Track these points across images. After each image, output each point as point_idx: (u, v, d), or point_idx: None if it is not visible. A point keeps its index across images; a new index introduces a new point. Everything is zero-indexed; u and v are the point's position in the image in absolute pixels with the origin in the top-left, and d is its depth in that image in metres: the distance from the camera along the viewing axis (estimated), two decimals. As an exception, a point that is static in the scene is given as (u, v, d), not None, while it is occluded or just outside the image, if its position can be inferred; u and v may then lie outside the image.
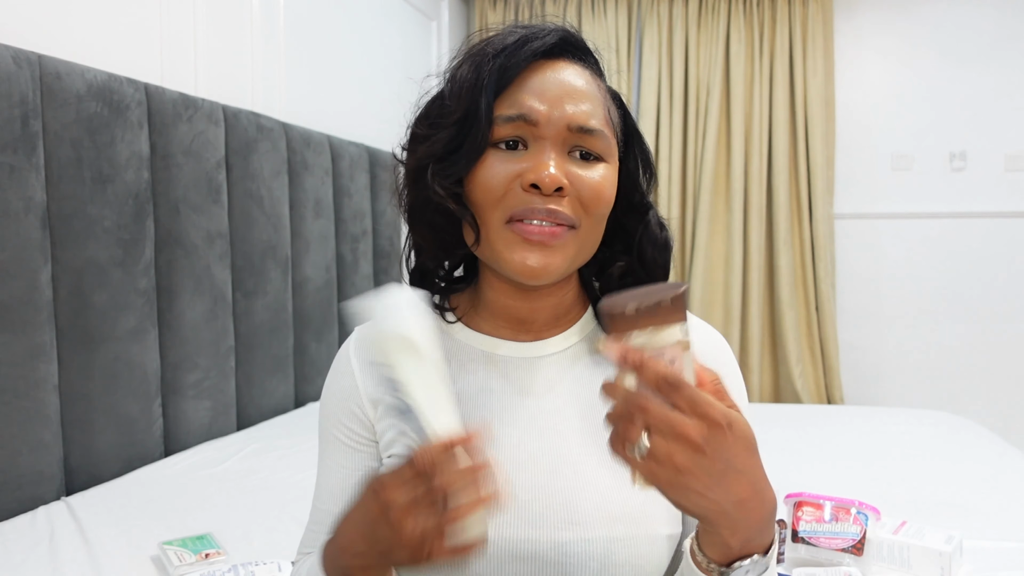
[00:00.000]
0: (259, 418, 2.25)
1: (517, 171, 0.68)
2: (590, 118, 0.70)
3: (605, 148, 0.71)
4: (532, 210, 0.67)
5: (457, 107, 0.70)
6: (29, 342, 1.51)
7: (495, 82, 0.69)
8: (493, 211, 0.69)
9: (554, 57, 0.72)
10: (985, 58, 3.58)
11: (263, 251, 2.23)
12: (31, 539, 1.38)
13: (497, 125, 0.69)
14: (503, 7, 3.85)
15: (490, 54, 0.70)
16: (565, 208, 0.68)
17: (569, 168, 0.69)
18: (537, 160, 0.68)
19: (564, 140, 0.69)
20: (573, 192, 0.69)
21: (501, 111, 0.69)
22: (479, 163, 0.69)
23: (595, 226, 0.71)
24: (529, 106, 0.69)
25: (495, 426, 0.73)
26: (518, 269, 0.68)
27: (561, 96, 0.69)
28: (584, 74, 0.72)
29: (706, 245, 3.72)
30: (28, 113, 1.50)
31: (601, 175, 0.70)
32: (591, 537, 0.68)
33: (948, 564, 1.21)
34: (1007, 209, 3.60)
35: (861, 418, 2.42)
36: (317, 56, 2.66)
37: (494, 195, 0.69)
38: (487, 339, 0.77)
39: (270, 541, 1.40)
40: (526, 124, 0.69)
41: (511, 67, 0.69)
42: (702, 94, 3.74)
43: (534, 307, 0.76)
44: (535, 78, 0.70)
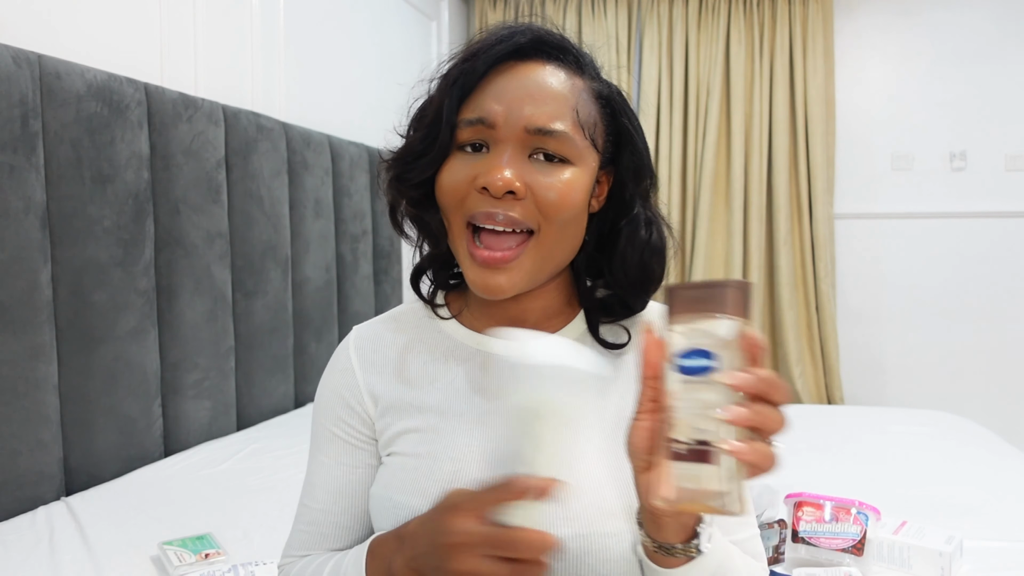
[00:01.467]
0: (259, 418, 2.25)
1: (473, 173, 0.69)
2: (551, 120, 0.68)
3: (570, 150, 0.69)
4: (486, 213, 0.68)
5: (429, 111, 0.72)
6: (29, 342, 1.51)
7: (460, 86, 0.70)
8: (455, 213, 0.70)
9: (524, 58, 0.71)
10: (985, 58, 3.58)
11: (263, 251, 2.23)
12: (31, 539, 1.38)
13: (460, 129, 0.70)
14: (503, 7, 3.85)
15: (460, 59, 0.71)
16: (517, 213, 0.68)
17: (527, 172, 0.68)
18: (491, 163, 0.68)
19: (523, 142, 0.69)
20: (530, 196, 0.68)
21: (464, 115, 0.70)
22: (443, 166, 0.71)
23: (560, 231, 0.70)
24: (487, 109, 0.69)
25: (490, 425, 0.73)
26: (478, 287, 0.70)
27: (521, 98, 0.69)
28: (556, 74, 0.70)
29: (706, 245, 3.72)
30: (28, 113, 1.50)
31: (564, 179, 0.69)
32: (586, 533, 0.68)
33: (948, 564, 1.21)
34: (1007, 209, 3.60)
35: (861, 418, 2.42)
36: (317, 56, 2.66)
37: (454, 197, 0.70)
38: (480, 337, 0.77)
39: (270, 541, 1.40)
40: (485, 127, 0.69)
41: (474, 71, 0.70)
42: (702, 94, 3.74)
43: (523, 307, 0.76)
44: (499, 81, 0.70)
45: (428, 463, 0.72)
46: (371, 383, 0.78)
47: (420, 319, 0.80)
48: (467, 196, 0.69)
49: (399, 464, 0.74)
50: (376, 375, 0.78)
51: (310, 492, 0.80)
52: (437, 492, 0.69)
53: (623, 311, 0.77)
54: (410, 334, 0.80)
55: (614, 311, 0.77)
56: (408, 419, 0.75)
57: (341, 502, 0.78)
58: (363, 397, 0.77)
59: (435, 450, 0.73)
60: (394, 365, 0.78)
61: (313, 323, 2.49)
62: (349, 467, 0.78)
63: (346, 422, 0.78)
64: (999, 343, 3.65)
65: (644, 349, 0.57)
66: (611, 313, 0.77)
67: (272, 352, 2.28)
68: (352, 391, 0.78)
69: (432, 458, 0.72)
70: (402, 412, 0.76)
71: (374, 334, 0.81)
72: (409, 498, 0.71)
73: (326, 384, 0.81)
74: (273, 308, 2.28)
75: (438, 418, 0.74)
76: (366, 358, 0.79)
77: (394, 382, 0.77)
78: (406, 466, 0.73)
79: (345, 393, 0.78)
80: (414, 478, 0.72)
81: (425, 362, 0.78)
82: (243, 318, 2.16)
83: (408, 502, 0.71)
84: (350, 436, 0.78)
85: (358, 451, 0.78)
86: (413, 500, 0.71)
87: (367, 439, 0.78)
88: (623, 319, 0.78)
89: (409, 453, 0.74)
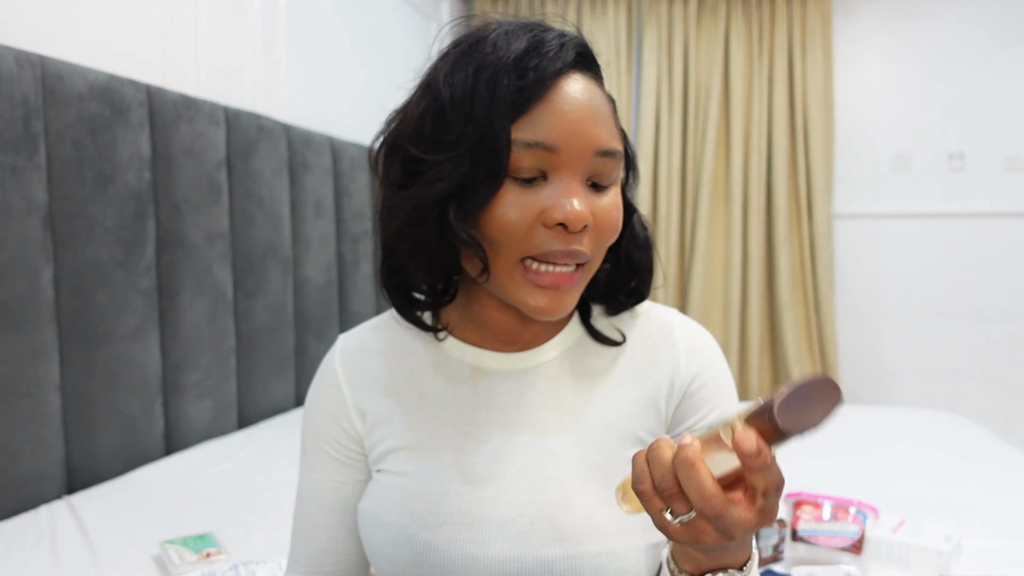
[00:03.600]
0: (260, 418, 2.25)
1: (538, 208, 0.62)
2: (612, 139, 0.65)
3: (618, 170, 0.67)
4: (552, 252, 0.63)
5: (467, 130, 0.61)
6: (31, 342, 1.51)
7: (512, 104, 0.61)
8: (510, 249, 0.64)
9: (570, 71, 0.64)
10: (985, 58, 3.58)
11: (264, 251, 2.23)
12: (33, 538, 1.38)
13: (515, 152, 0.61)
14: (503, 7, 3.86)
15: (501, 65, 0.61)
16: (585, 247, 0.64)
17: (590, 200, 0.64)
18: (560, 195, 0.62)
19: (588, 168, 0.64)
20: (593, 227, 0.65)
21: (519, 135, 0.61)
22: (495, 197, 0.62)
23: (602, 254, 0.68)
24: (548, 131, 0.62)
25: (480, 441, 0.71)
26: (529, 309, 0.65)
27: (583, 119, 0.63)
28: (596, 89, 0.66)
29: (706, 245, 3.72)
30: (30, 114, 1.51)
31: (615, 204, 0.66)
32: (577, 553, 0.66)
33: (947, 563, 1.21)
34: (1006, 209, 3.60)
35: (860, 417, 2.42)
36: (318, 57, 2.66)
37: (514, 235, 0.63)
38: (473, 350, 0.74)
39: (271, 540, 1.41)
40: (547, 152, 0.62)
41: (531, 86, 0.61)
42: (702, 94, 3.74)
43: (525, 322, 0.73)
44: (555, 97, 0.62)
45: (416, 482, 0.71)
46: (358, 398, 0.75)
47: (409, 329, 0.77)
48: (531, 231, 0.63)
49: (387, 483, 0.73)
50: (363, 390, 0.76)
51: (304, 506, 0.79)
52: (424, 512, 0.69)
53: (612, 309, 0.76)
54: (398, 345, 0.77)
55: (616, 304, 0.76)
56: (396, 436, 0.73)
57: (334, 517, 0.77)
58: (351, 414, 0.75)
59: (423, 468, 0.71)
60: (382, 379, 0.76)
61: (314, 323, 2.50)
62: (340, 484, 0.77)
63: (336, 439, 0.76)
64: (999, 343, 3.65)
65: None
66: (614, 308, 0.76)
67: (273, 352, 2.29)
68: (340, 407, 0.76)
69: (420, 476, 0.71)
70: (390, 428, 0.74)
71: (360, 345, 0.78)
72: (396, 518, 0.70)
73: (314, 399, 0.79)
74: (274, 308, 2.29)
75: (426, 435, 0.72)
76: (352, 372, 0.76)
77: (382, 396, 0.75)
78: (394, 485, 0.72)
79: (334, 410, 0.76)
80: (402, 498, 0.70)
81: (412, 375, 0.75)
82: (244, 318, 2.17)
83: (395, 522, 0.70)
84: (340, 454, 0.76)
85: (348, 468, 0.77)
86: (400, 520, 0.70)
87: (357, 455, 0.76)
88: (614, 316, 0.77)
89: (397, 472, 0.72)
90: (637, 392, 0.74)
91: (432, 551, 0.68)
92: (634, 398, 0.73)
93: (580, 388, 0.73)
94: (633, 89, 3.80)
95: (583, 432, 0.72)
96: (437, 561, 0.68)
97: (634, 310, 0.78)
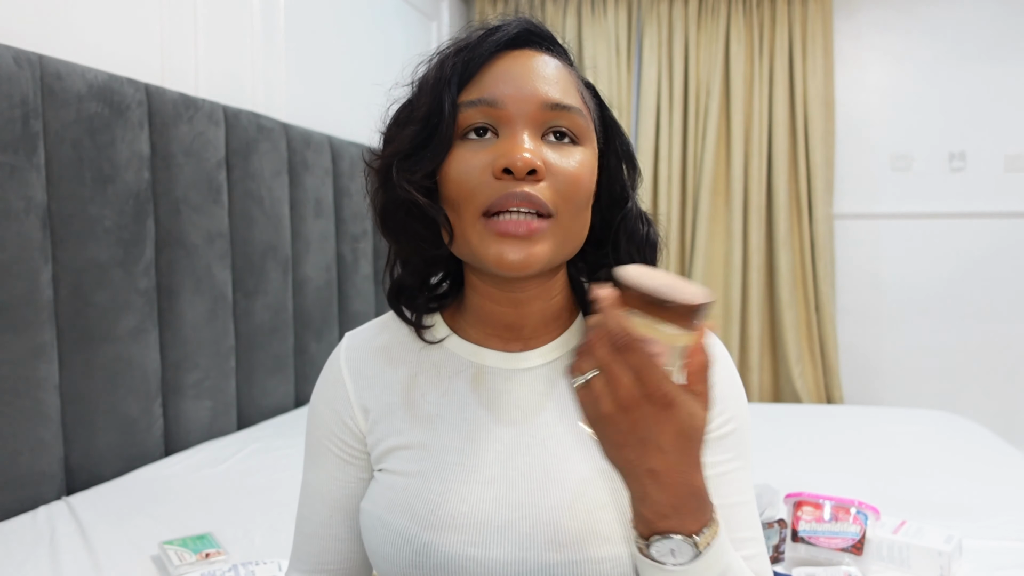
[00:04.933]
0: (259, 418, 2.25)
1: (488, 159, 0.65)
2: (565, 96, 0.67)
3: (583, 128, 0.68)
4: (507, 196, 0.63)
5: (421, 104, 0.68)
6: (30, 342, 1.51)
7: (459, 75, 0.67)
8: (467, 205, 0.65)
9: (519, 47, 0.69)
10: (985, 58, 3.58)
11: (263, 251, 2.23)
12: (32, 538, 1.38)
13: (461, 112, 0.66)
14: (503, 7, 3.86)
15: (452, 51, 0.69)
16: (540, 193, 0.64)
17: (544, 151, 0.66)
18: (509, 143, 0.65)
19: (537, 120, 0.66)
20: (549, 178, 0.65)
21: (464, 98, 0.67)
22: (448, 158, 0.67)
23: (576, 215, 0.67)
24: (492, 90, 0.66)
25: (482, 441, 0.71)
26: (496, 263, 0.64)
27: (531, 77, 0.67)
28: (553, 61, 0.69)
29: (706, 245, 3.72)
30: (29, 113, 1.50)
31: (578, 160, 0.67)
32: (580, 559, 0.66)
33: (947, 564, 1.21)
34: (1007, 209, 3.60)
35: (861, 418, 2.42)
36: (317, 56, 2.66)
37: (466, 187, 0.65)
38: (475, 348, 0.74)
39: (270, 541, 1.41)
40: (490, 108, 0.66)
41: (474, 59, 0.67)
42: (702, 94, 3.74)
43: (522, 312, 0.73)
44: (499, 67, 0.67)
45: (417, 482, 0.70)
46: (362, 396, 0.76)
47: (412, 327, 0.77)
48: (481, 184, 0.65)
49: (389, 483, 0.72)
50: (367, 387, 0.76)
51: (308, 504, 0.79)
52: (425, 513, 0.68)
53: None
54: (402, 344, 0.77)
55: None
56: (398, 435, 0.73)
57: (338, 515, 0.77)
58: (354, 411, 0.76)
59: (425, 468, 0.71)
60: (385, 377, 0.76)
61: (313, 323, 2.49)
62: (343, 482, 0.77)
63: (339, 437, 0.76)
64: (998, 343, 3.65)
65: (604, 299, 0.54)
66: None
67: (272, 352, 2.29)
68: (344, 404, 0.76)
69: (422, 477, 0.70)
70: (392, 426, 0.74)
71: (365, 343, 0.78)
72: (397, 518, 0.70)
73: (319, 396, 0.79)
74: (273, 308, 2.28)
75: (428, 434, 0.72)
76: (357, 369, 0.77)
77: (384, 394, 0.75)
78: (395, 485, 0.71)
79: (338, 407, 0.77)
80: (403, 498, 0.70)
81: (416, 374, 0.75)
82: (243, 318, 2.17)
83: (396, 522, 0.70)
84: (343, 452, 0.77)
85: (351, 466, 0.77)
86: (401, 520, 0.69)
87: (360, 453, 0.76)
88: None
89: (399, 471, 0.72)
90: None
91: (433, 552, 0.67)
92: None
93: None
94: (633, 89, 3.80)
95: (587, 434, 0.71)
96: (438, 562, 0.67)
97: None
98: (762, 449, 2.00)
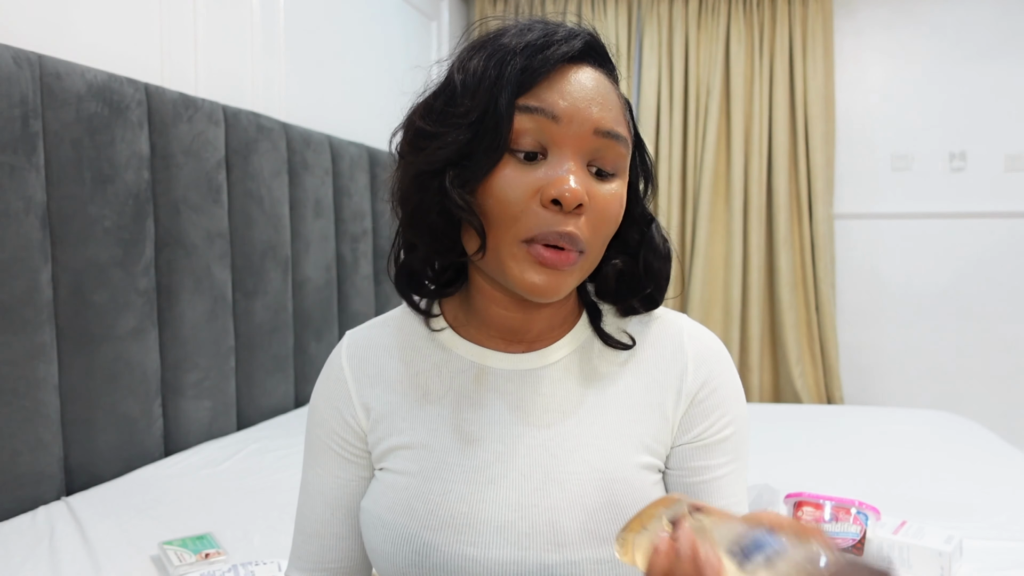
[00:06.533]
0: (259, 418, 2.25)
1: (535, 184, 0.64)
2: (617, 124, 0.66)
3: (623, 159, 0.68)
4: (554, 234, 0.63)
5: (473, 105, 0.64)
6: (29, 342, 1.51)
7: (517, 79, 0.63)
8: (509, 228, 0.64)
9: (580, 61, 0.66)
10: (985, 58, 3.58)
11: (263, 251, 2.23)
12: (31, 539, 1.38)
13: (517, 119, 0.63)
14: (503, 7, 3.86)
15: (511, 50, 0.64)
16: (581, 231, 0.64)
17: (588, 183, 0.65)
18: (557, 170, 0.63)
19: (587, 146, 0.65)
20: (587, 212, 0.65)
21: (521, 103, 0.64)
22: (495, 170, 0.64)
23: (601, 247, 0.68)
24: (552, 102, 0.64)
25: (483, 442, 0.71)
26: (525, 287, 0.65)
27: (588, 98, 0.65)
28: (604, 80, 0.67)
29: (706, 245, 3.72)
30: (28, 113, 1.50)
31: (614, 192, 0.67)
32: (577, 559, 0.66)
33: (948, 564, 1.21)
34: (1007, 209, 3.60)
35: (861, 418, 2.42)
36: (317, 56, 2.66)
37: (511, 211, 0.64)
38: (477, 349, 0.74)
39: (270, 541, 1.40)
40: (547, 120, 0.63)
41: (537, 67, 0.64)
42: (702, 94, 3.74)
43: (529, 318, 0.72)
44: (560, 79, 0.65)
45: (418, 482, 0.70)
46: (363, 394, 0.75)
47: (415, 326, 0.77)
48: (527, 210, 0.63)
49: (389, 482, 0.72)
50: (368, 386, 0.76)
51: (308, 502, 0.79)
52: (425, 512, 0.69)
53: (623, 311, 0.76)
54: (404, 342, 0.77)
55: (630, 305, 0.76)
56: (399, 434, 0.73)
57: (338, 514, 0.77)
58: (356, 410, 0.75)
59: (425, 468, 0.71)
60: (387, 375, 0.76)
61: (313, 323, 2.49)
62: (344, 480, 0.77)
63: (340, 435, 0.76)
64: (998, 343, 3.65)
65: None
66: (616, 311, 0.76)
67: (272, 352, 2.29)
68: (345, 403, 0.76)
69: (422, 476, 0.70)
70: (394, 425, 0.74)
71: (367, 341, 0.78)
72: (397, 517, 0.70)
73: (320, 394, 0.79)
74: (273, 308, 2.28)
75: (429, 434, 0.72)
76: (358, 368, 0.77)
77: (386, 392, 0.75)
78: (396, 485, 0.71)
79: (339, 405, 0.76)
80: (404, 498, 0.70)
81: (418, 373, 0.75)
82: (243, 318, 2.16)
83: (396, 521, 0.70)
84: (344, 450, 0.77)
85: (352, 464, 0.77)
86: (401, 519, 0.69)
87: (361, 452, 0.76)
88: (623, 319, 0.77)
89: (399, 471, 0.72)
90: (644, 397, 0.73)
91: (432, 552, 0.68)
92: (641, 403, 0.73)
93: (586, 391, 0.73)
94: (633, 89, 3.80)
95: (588, 436, 0.71)
96: (437, 562, 0.67)
97: (644, 314, 0.77)
98: (762, 450, 2.00)
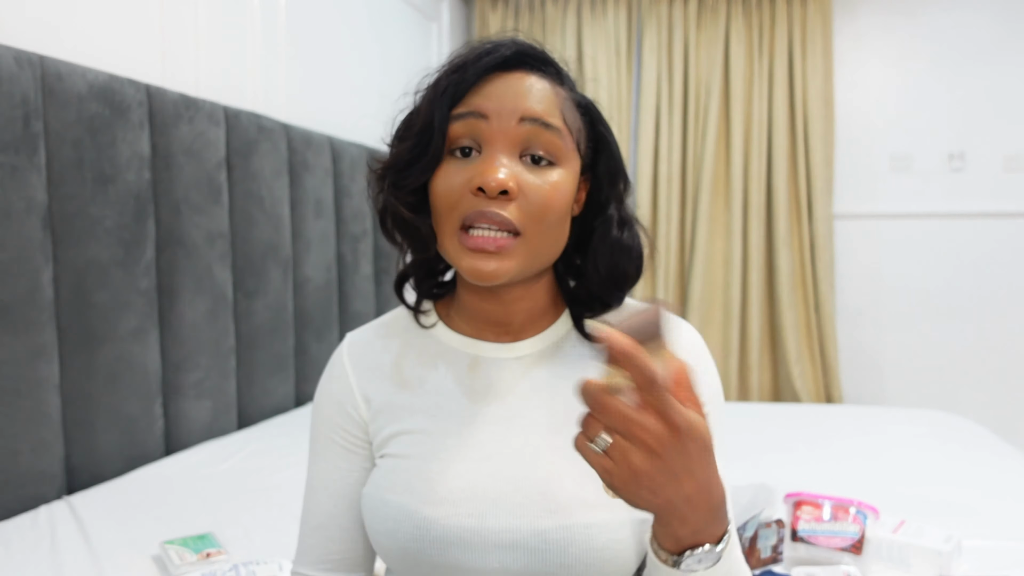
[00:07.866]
0: (260, 418, 2.25)
1: (468, 176, 0.70)
2: (545, 113, 0.71)
3: (560, 148, 0.72)
4: (478, 213, 0.69)
5: (417, 120, 0.73)
6: (30, 342, 1.51)
7: (451, 94, 0.72)
8: (447, 218, 0.72)
9: (510, 69, 0.73)
10: (984, 59, 3.58)
11: (264, 251, 2.23)
12: (32, 538, 1.38)
13: (451, 124, 0.71)
14: (503, 8, 3.86)
15: (449, 69, 0.73)
16: (509, 213, 0.69)
17: (519, 172, 0.70)
18: (487, 163, 0.70)
19: (516, 138, 0.71)
20: (521, 198, 0.70)
21: (454, 113, 0.72)
22: (437, 172, 0.72)
23: (545, 233, 0.72)
24: (480, 103, 0.71)
25: (479, 424, 0.76)
26: (469, 273, 0.71)
27: (515, 94, 0.71)
28: (542, 81, 0.73)
29: (706, 245, 3.72)
30: (30, 114, 1.51)
31: (552, 182, 0.71)
32: (570, 524, 0.70)
33: (947, 563, 1.21)
34: (1006, 209, 3.60)
35: (860, 418, 2.42)
36: (318, 57, 2.66)
37: (448, 202, 0.71)
38: (469, 341, 0.80)
39: (271, 540, 1.41)
40: (476, 120, 0.71)
41: (466, 79, 0.72)
42: (702, 94, 3.74)
43: (508, 310, 0.78)
44: (488, 86, 0.72)
45: (417, 463, 0.75)
46: (364, 386, 0.81)
47: (410, 325, 0.83)
48: (461, 199, 0.70)
49: (390, 466, 0.77)
50: (369, 379, 0.81)
51: (313, 497, 0.83)
52: (425, 489, 0.73)
53: (602, 308, 0.80)
54: (401, 339, 0.83)
55: (594, 308, 0.80)
56: (399, 422, 0.78)
57: (342, 504, 0.81)
58: (357, 401, 0.80)
59: (424, 450, 0.75)
60: (386, 369, 0.81)
61: (314, 323, 2.50)
62: (347, 471, 0.81)
63: (343, 427, 0.81)
64: (998, 343, 3.65)
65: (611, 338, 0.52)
66: (591, 309, 0.80)
67: (273, 352, 2.29)
68: (347, 395, 0.81)
69: (421, 458, 0.75)
70: (394, 414, 0.78)
71: (366, 340, 0.84)
72: (398, 496, 0.74)
73: (323, 391, 0.84)
74: (274, 308, 2.29)
75: (428, 420, 0.77)
76: (359, 363, 0.82)
77: (386, 385, 0.80)
78: (396, 467, 0.76)
79: (341, 398, 0.81)
80: (404, 478, 0.74)
81: (415, 365, 0.80)
82: (244, 318, 2.17)
83: (396, 499, 0.74)
84: (346, 441, 0.81)
85: (355, 455, 0.81)
86: (401, 498, 0.73)
87: (363, 442, 0.81)
88: (601, 315, 0.80)
89: (400, 455, 0.77)
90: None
91: (432, 525, 0.71)
92: None
93: (570, 375, 0.78)
94: (633, 89, 3.80)
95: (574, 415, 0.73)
96: (437, 535, 0.71)
97: (624, 307, 0.80)
98: (762, 449, 2.00)
